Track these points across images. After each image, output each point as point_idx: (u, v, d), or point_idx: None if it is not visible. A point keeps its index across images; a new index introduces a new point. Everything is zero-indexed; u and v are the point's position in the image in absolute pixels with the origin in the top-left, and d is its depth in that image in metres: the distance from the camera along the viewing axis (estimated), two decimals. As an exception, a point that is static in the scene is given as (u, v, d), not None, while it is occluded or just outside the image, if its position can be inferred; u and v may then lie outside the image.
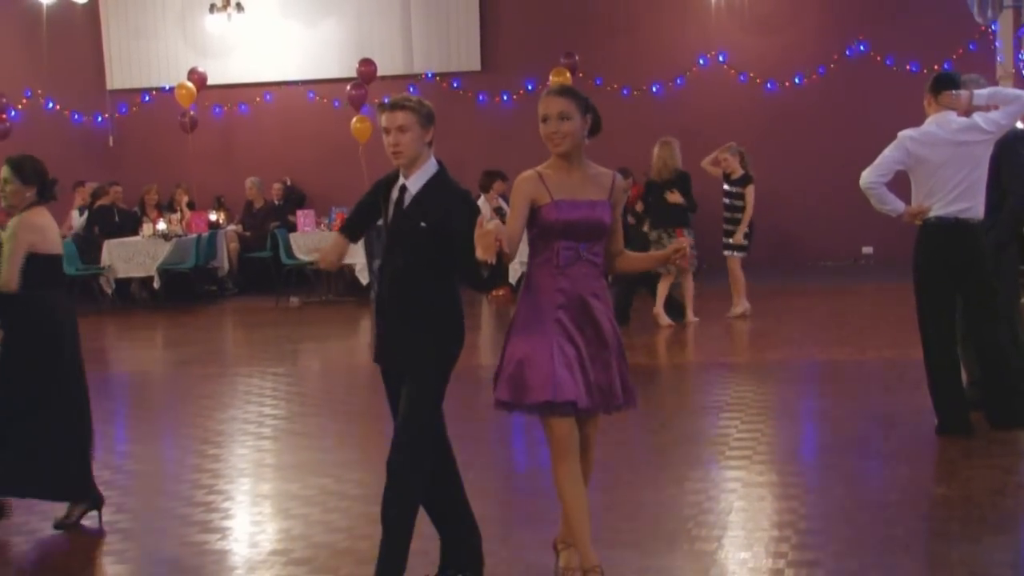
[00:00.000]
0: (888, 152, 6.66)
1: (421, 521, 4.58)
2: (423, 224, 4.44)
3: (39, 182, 5.86)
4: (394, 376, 4.62)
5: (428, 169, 4.55)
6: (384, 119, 4.50)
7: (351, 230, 4.86)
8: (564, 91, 4.50)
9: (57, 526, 5.73)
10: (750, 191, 11.70)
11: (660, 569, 4.85)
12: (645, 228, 11.95)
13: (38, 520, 5.89)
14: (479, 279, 4.27)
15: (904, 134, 6.68)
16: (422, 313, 4.49)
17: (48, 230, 5.85)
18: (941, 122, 6.63)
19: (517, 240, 4.30)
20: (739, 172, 11.80)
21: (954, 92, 6.63)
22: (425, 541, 4.76)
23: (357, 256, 14.24)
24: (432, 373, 4.52)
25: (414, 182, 4.52)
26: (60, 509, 5.82)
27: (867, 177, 6.63)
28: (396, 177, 4.61)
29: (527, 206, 4.37)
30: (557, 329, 4.37)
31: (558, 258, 4.38)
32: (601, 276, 4.50)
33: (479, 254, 4.02)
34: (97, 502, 5.81)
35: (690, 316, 11.56)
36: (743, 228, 11.69)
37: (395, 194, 4.57)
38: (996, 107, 6.62)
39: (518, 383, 4.39)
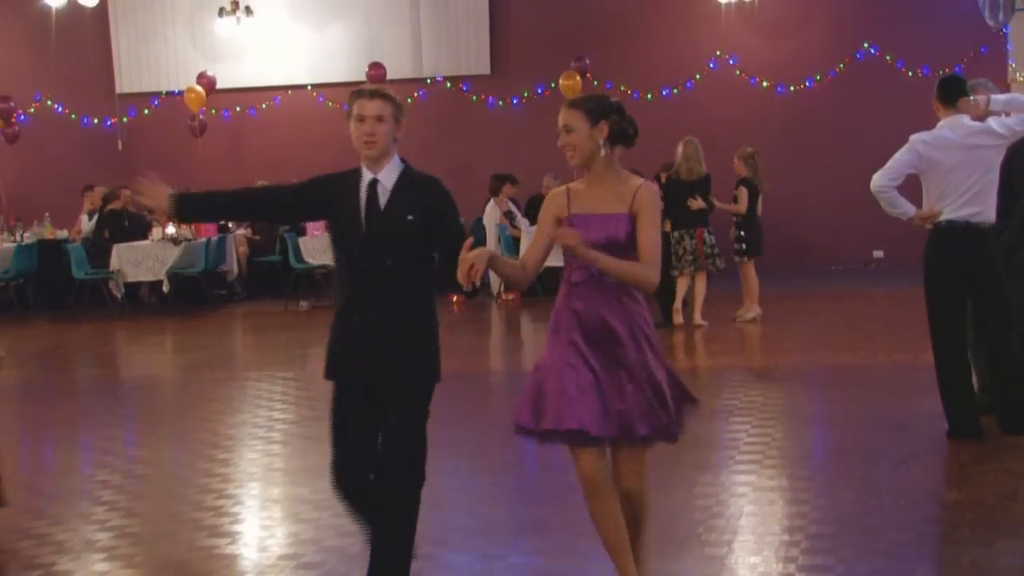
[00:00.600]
0: (899, 156, 6.64)
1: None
2: (410, 217, 4.20)
3: None
4: (360, 390, 4.27)
5: (396, 164, 4.33)
6: (359, 106, 4.27)
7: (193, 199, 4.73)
8: (573, 102, 4.24)
9: None
10: (740, 192, 11.77)
11: (670, 573, 4.83)
12: (667, 228, 11.90)
13: (47, 524, 5.90)
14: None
15: (916, 138, 6.66)
16: (412, 320, 4.25)
17: None
18: (954, 125, 6.61)
19: (535, 260, 4.21)
20: (740, 174, 11.88)
21: (972, 98, 6.61)
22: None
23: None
24: (428, 385, 4.28)
25: (386, 176, 4.28)
26: (65, 513, 5.81)
27: (878, 181, 6.61)
28: (348, 178, 4.31)
29: (550, 224, 4.18)
30: (572, 351, 4.10)
31: (571, 276, 4.16)
32: (626, 295, 4.14)
33: (459, 277, 3.89)
34: None
35: (698, 319, 11.54)
36: (724, 208, 11.75)
37: (363, 194, 4.25)
38: (1010, 113, 6.60)
39: (537, 407, 4.13)
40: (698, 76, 16.29)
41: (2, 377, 6.17)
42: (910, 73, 15.43)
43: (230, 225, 16.04)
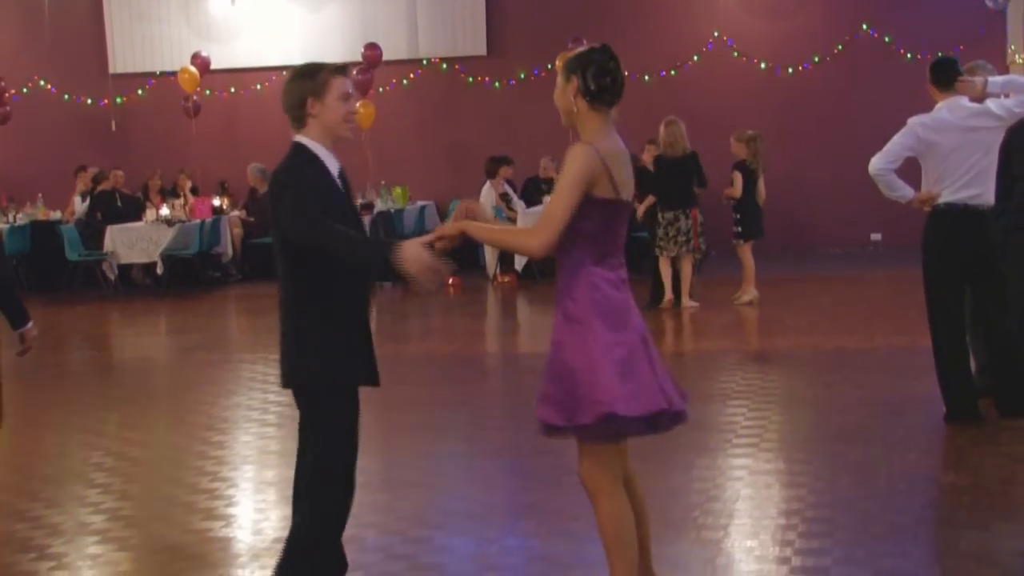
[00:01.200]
0: (897, 138, 6.61)
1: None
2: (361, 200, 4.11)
3: None
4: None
5: None
6: (343, 84, 4.04)
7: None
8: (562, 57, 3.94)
9: None
10: (736, 175, 11.77)
11: (667, 557, 4.81)
12: (644, 206, 11.84)
13: (42, 507, 5.87)
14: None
15: (914, 120, 6.62)
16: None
17: None
18: (952, 108, 6.57)
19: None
20: (738, 156, 11.87)
21: (970, 78, 6.57)
22: None
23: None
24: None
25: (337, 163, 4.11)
26: (59, 496, 5.78)
27: (876, 163, 6.58)
28: (307, 167, 4.00)
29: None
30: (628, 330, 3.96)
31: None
32: (565, 273, 3.83)
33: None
34: None
35: (686, 301, 11.55)
36: (731, 197, 11.74)
37: (337, 177, 4.07)
38: (1008, 95, 6.56)
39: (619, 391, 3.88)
40: (696, 57, 16.22)
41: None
42: (908, 55, 15.37)
43: (224, 207, 15.99)
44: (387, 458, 6.73)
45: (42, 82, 17.54)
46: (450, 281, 13.30)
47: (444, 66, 16.74)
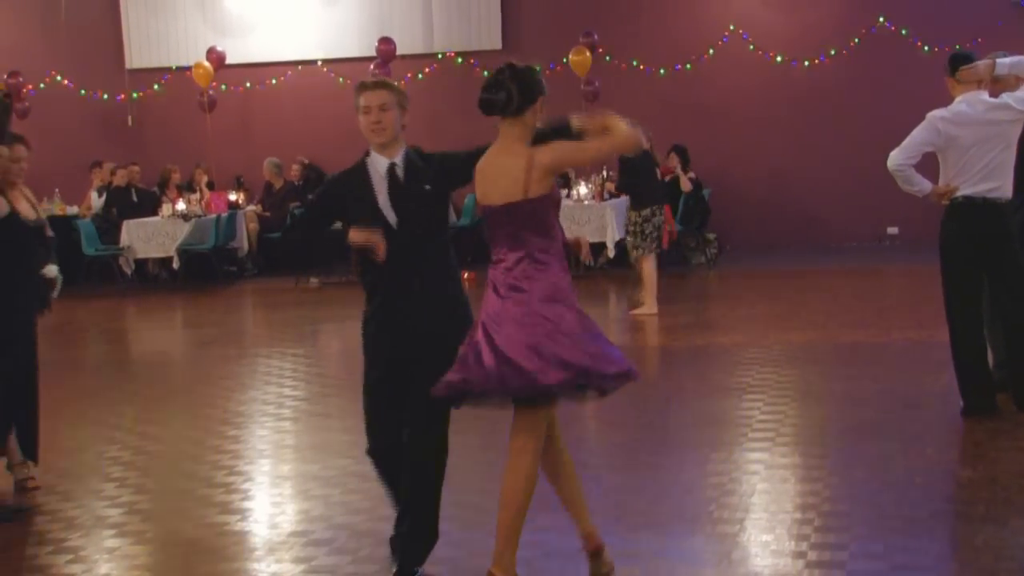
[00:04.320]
0: (917, 133, 6.57)
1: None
2: (427, 187, 4.49)
3: None
4: (403, 364, 4.54)
5: (404, 146, 4.58)
6: (365, 98, 4.50)
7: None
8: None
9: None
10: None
11: (682, 551, 4.81)
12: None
13: (58, 501, 5.90)
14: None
15: (934, 114, 6.58)
16: (445, 285, 4.58)
17: None
18: (971, 101, 6.54)
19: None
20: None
21: (970, 65, 6.54)
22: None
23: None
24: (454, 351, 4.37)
25: (399, 159, 4.54)
26: (76, 489, 5.80)
27: (895, 159, 6.54)
28: (354, 173, 4.57)
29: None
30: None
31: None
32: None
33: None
34: None
35: (652, 305, 10.92)
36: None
37: (384, 180, 4.50)
38: (1022, 79, 6.52)
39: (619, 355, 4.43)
40: (711, 51, 16.16)
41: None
42: (925, 48, 15.28)
43: (240, 201, 16.01)
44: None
45: (59, 77, 17.59)
46: (465, 275, 13.26)
47: (459, 60, 16.72)
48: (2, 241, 5.89)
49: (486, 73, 4.52)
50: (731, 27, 16.07)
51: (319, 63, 17.17)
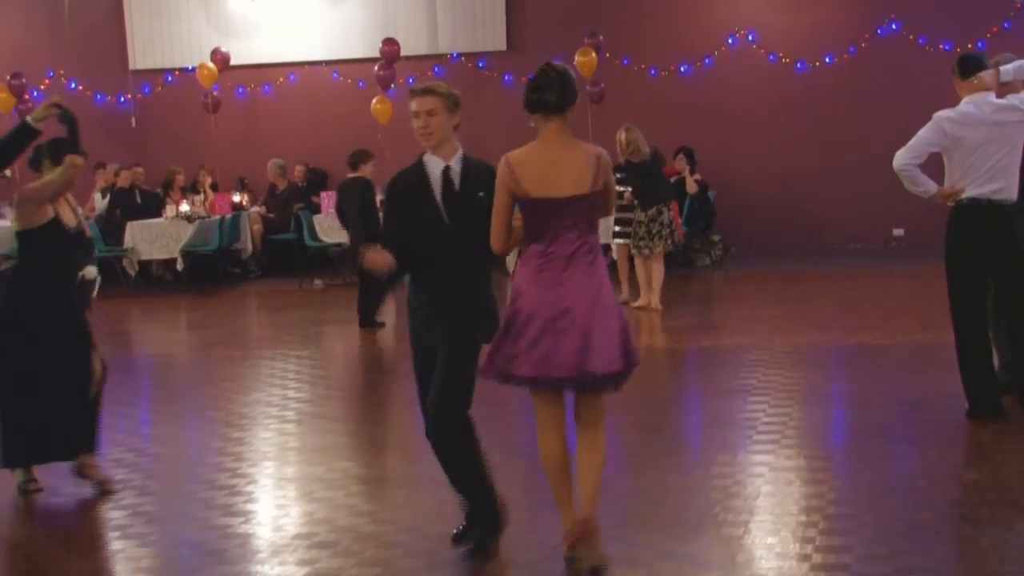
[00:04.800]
0: (923, 133, 6.56)
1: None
2: (481, 194, 4.73)
3: None
4: (432, 350, 4.80)
5: (459, 149, 4.84)
6: (414, 103, 4.75)
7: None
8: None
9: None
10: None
11: (686, 554, 4.80)
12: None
13: (61, 503, 5.89)
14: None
15: (940, 115, 6.57)
16: (483, 280, 4.87)
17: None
18: (978, 102, 6.52)
19: (503, 232, 4.67)
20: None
21: (975, 77, 6.52)
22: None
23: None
24: (486, 335, 4.74)
25: (454, 162, 4.81)
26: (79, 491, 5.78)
27: (901, 159, 6.53)
28: (411, 172, 4.82)
29: (507, 196, 4.67)
30: None
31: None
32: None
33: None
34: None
35: (656, 302, 11.13)
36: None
37: (439, 182, 4.77)
38: None
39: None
40: (716, 52, 16.13)
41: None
42: (932, 49, 15.25)
43: (244, 203, 16.01)
44: (405, 455, 6.73)
45: (62, 78, 17.60)
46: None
47: (464, 61, 16.72)
48: (43, 245, 6.02)
49: (491, 74, 4.65)
50: (737, 28, 16.05)
51: (323, 64, 17.17)
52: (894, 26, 15.61)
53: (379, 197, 13.14)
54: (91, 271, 6.56)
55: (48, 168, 6.19)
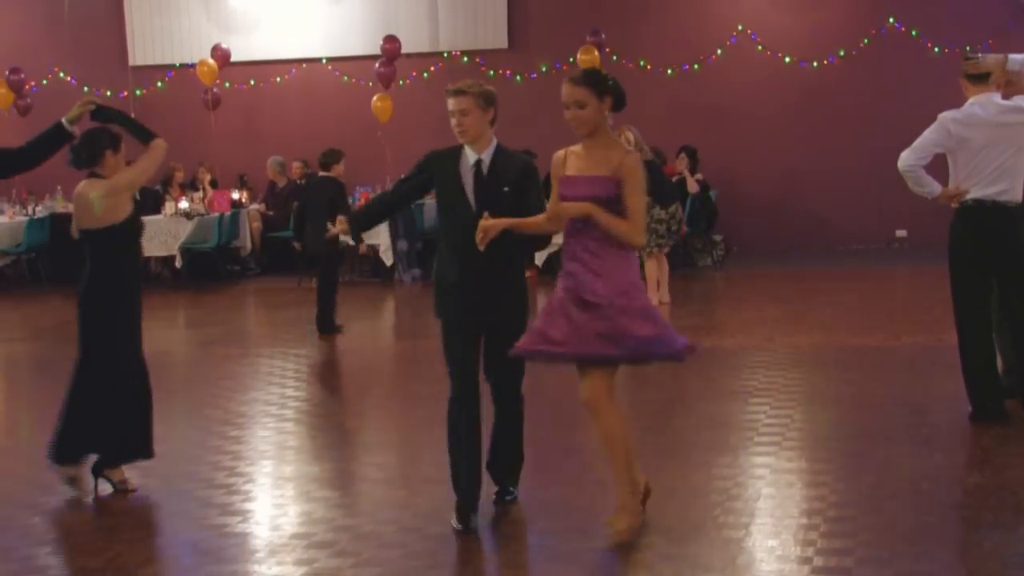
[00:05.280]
0: (928, 134, 6.53)
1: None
2: (505, 189, 5.12)
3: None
4: (470, 326, 5.22)
5: (493, 143, 5.23)
6: (450, 103, 5.14)
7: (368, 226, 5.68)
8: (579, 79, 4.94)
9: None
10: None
11: (686, 556, 4.77)
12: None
13: (56, 500, 5.86)
14: (531, 241, 5.24)
15: (945, 116, 6.54)
16: (507, 268, 5.21)
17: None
18: (984, 103, 6.49)
19: (551, 215, 4.95)
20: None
21: (977, 57, 6.49)
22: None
23: (381, 237, 14.17)
24: (521, 319, 5.26)
25: (486, 155, 5.20)
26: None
27: (906, 159, 6.50)
28: (450, 154, 5.24)
29: (555, 182, 4.98)
30: (560, 292, 4.92)
31: (565, 229, 4.93)
32: (599, 246, 4.82)
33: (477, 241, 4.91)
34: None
35: (665, 295, 11.35)
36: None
37: (470, 172, 5.19)
38: None
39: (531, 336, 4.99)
40: (719, 51, 16.10)
41: (14, 352, 6.13)
42: (936, 49, 15.21)
43: (243, 200, 15.98)
44: (405, 454, 6.70)
45: (61, 74, 17.56)
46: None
47: (465, 59, 16.67)
48: (130, 240, 5.97)
49: (492, 73, 4.68)
50: (739, 27, 16.02)
51: (324, 61, 17.14)
52: (897, 26, 15.58)
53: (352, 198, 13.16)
54: None
55: (112, 159, 5.95)
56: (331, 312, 10.75)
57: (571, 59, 15.72)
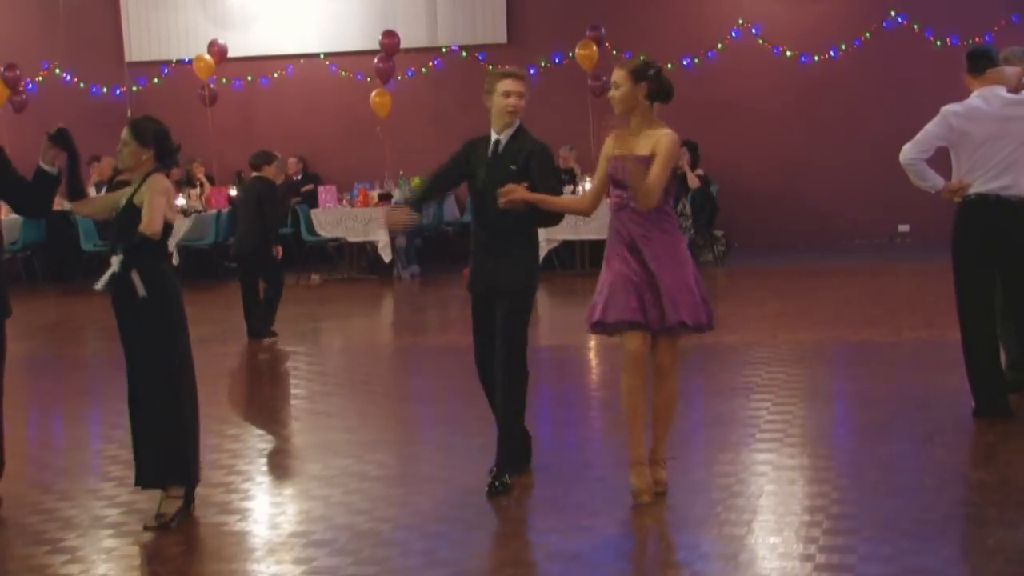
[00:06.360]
0: (930, 127, 6.49)
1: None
2: (512, 167, 5.44)
3: (157, 145, 5.68)
4: (486, 300, 5.58)
5: (515, 125, 5.63)
6: (506, 85, 5.56)
7: (424, 199, 5.88)
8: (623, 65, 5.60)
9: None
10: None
11: (688, 552, 4.74)
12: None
13: (55, 500, 5.82)
14: (544, 217, 5.55)
15: (947, 109, 6.49)
16: (517, 243, 5.52)
17: (170, 196, 5.67)
18: (987, 97, 6.45)
19: (597, 191, 5.48)
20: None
21: (998, 69, 6.44)
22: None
23: (380, 234, 14.13)
24: (526, 293, 5.58)
25: (504, 136, 5.59)
26: (73, 488, 5.71)
27: (908, 153, 6.46)
28: (483, 140, 5.63)
29: (603, 161, 5.39)
30: (619, 262, 5.22)
31: (611, 204, 5.32)
32: (648, 220, 5.23)
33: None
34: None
35: None
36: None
37: (490, 146, 5.57)
38: None
39: (599, 306, 5.26)
40: (720, 45, 16.06)
41: (9, 349, 6.10)
42: (938, 42, 15.17)
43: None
44: (404, 452, 6.67)
45: (57, 70, 17.52)
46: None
47: (463, 54, 16.63)
48: (165, 238, 5.74)
49: (491, 67, 4.74)
50: (740, 21, 15.98)
51: (322, 56, 17.10)
52: (900, 19, 15.53)
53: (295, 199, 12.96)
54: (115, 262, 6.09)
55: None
56: (270, 315, 10.45)
57: (570, 54, 15.67)
